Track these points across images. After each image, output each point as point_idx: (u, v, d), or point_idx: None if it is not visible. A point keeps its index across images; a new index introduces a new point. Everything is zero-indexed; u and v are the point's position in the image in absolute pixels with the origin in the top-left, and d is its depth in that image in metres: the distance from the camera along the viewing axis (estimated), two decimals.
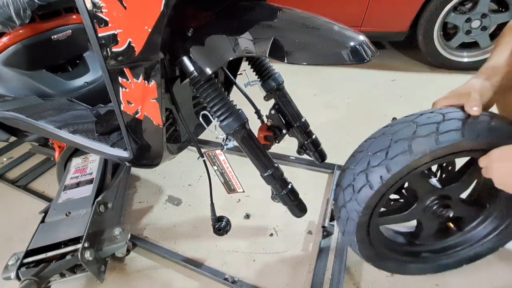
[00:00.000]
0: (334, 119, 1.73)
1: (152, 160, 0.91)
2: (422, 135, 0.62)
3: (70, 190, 1.08)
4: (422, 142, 0.61)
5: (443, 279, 0.90)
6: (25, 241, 0.90)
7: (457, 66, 2.16)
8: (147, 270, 1.01)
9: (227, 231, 0.90)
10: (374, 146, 0.67)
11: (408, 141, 0.63)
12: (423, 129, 0.63)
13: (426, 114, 0.66)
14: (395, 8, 2.10)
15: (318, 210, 1.17)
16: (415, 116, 0.67)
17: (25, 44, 1.19)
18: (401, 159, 0.62)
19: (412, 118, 0.67)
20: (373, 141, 0.69)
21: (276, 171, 0.78)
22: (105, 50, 0.69)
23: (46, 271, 0.84)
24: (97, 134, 1.03)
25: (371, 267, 0.88)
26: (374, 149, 0.67)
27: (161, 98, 0.72)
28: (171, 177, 1.40)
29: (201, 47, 0.67)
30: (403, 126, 0.66)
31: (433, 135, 0.61)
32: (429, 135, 0.61)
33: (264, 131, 0.95)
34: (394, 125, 0.68)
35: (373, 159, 0.66)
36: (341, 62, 0.57)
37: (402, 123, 0.67)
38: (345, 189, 0.71)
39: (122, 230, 0.95)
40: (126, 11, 0.62)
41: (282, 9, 0.65)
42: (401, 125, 0.66)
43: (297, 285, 0.93)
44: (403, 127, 0.66)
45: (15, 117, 1.11)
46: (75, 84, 1.36)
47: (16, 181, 1.45)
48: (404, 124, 0.66)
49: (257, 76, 0.92)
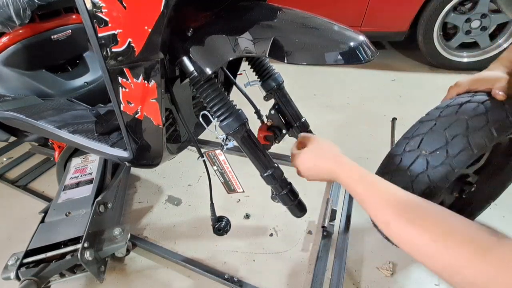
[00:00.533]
0: (334, 119, 1.73)
1: (152, 160, 0.91)
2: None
3: (70, 190, 1.07)
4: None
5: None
6: (25, 241, 0.90)
7: (457, 66, 2.16)
8: (147, 270, 1.01)
9: (227, 231, 0.90)
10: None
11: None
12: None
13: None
14: (395, 8, 2.11)
15: (318, 210, 1.17)
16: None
17: (24, 44, 1.19)
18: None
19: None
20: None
21: (276, 171, 0.78)
22: (105, 50, 0.69)
23: (45, 271, 0.84)
24: (97, 134, 1.03)
25: (371, 267, 0.88)
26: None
27: (161, 98, 0.72)
28: (171, 177, 1.40)
29: (201, 47, 0.67)
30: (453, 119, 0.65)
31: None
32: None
33: (264, 131, 0.95)
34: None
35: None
36: (341, 62, 0.57)
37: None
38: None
39: (122, 230, 0.95)
40: (126, 11, 0.62)
41: (282, 9, 0.65)
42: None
43: (297, 285, 0.93)
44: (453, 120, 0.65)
45: (15, 117, 1.11)
46: (75, 84, 1.35)
47: (16, 181, 1.45)
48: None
49: (257, 76, 0.92)
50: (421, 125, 0.68)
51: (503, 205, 0.92)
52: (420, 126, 0.68)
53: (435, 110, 0.70)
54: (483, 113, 0.62)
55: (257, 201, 1.22)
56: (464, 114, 0.64)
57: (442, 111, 0.68)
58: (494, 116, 0.62)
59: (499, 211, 0.94)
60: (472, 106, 0.65)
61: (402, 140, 0.70)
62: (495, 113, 0.62)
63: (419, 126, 0.69)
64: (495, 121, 0.61)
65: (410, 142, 0.68)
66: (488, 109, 0.63)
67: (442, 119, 0.66)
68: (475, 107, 0.64)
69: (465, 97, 0.68)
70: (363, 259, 0.98)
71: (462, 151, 0.61)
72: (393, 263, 0.95)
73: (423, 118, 0.71)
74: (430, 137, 0.65)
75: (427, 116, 0.70)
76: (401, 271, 0.93)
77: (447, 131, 0.63)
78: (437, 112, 0.69)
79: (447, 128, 0.64)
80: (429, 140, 0.65)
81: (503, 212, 1.04)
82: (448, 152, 0.62)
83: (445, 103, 0.70)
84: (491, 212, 0.93)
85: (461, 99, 0.68)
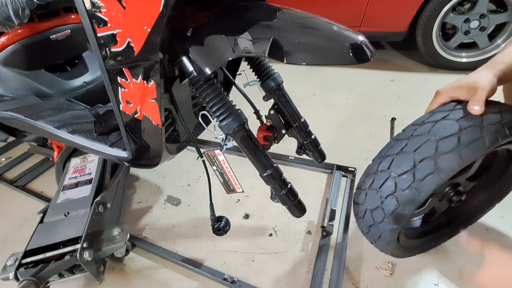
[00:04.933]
0: (333, 119, 1.73)
1: (151, 160, 0.91)
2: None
3: (69, 190, 1.07)
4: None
5: (442, 279, 0.91)
6: (24, 241, 0.89)
7: (456, 66, 2.17)
8: (146, 270, 1.01)
9: (226, 231, 0.90)
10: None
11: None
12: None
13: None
14: (394, 8, 2.11)
15: (318, 210, 1.17)
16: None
17: (23, 43, 1.19)
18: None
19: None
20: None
21: (275, 171, 0.78)
22: (104, 50, 0.69)
23: (44, 272, 0.84)
24: (96, 134, 1.02)
25: (370, 267, 0.88)
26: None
27: (160, 98, 0.72)
28: (170, 177, 1.40)
29: (200, 47, 0.67)
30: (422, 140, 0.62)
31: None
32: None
33: (263, 131, 0.95)
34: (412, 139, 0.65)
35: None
36: (341, 63, 0.57)
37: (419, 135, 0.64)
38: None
39: (121, 230, 0.95)
40: (125, 11, 0.62)
41: (281, 9, 0.65)
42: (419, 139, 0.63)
43: (296, 285, 0.93)
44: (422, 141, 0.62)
45: (13, 117, 1.11)
46: (74, 84, 1.35)
47: (15, 181, 1.44)
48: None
49: (256, 76, 0.92)
50: (395, 143, 0.67)
51: (502, 205, 0.92)
52: (394, 145, 0.66)
53: (411, 127, 0.67)
54: (455, 133, 0.59)
55: (256, 201, 1.22)
56: (435, 134, 0.61)
57: (416, 130, 0.65)
58: (466, 137, 0.58)
59: (498, 211, 0.94)
60: (445, 125, 0.61)
61: (377, 159, 0.69)
62: (468, 134, 0.58)
63: (393, 144, 0.67)
64: (467, 143, 0.57)
65: (383, 161, 0.67)
66: (461, 128, 0.59)
67: (414, 138, 0.64)
68: (448, 126, 0.61)
69: (443, 112, 0.64)
70: (363, 259, 0.98)
71: (429, 175, 0.59)
72: (392, 263, 0.95)
73: (398, 135, 0.68)
74: (399, 159, 0.64)
75: (402, 134, 0.67)
76: (400, 271, 0.94)
77: (416, 153, 0.61)
78: (411, 130, 0.66)
79: (416, 150, 0.62)
80: (398, 162, 0.63)
81: (502, 212, 1.05)
82: (415, 176, 0.60)
83: (421, 119, 0.66)
84: (490, 212, 0.93)
85: (438, 114, 0.64)
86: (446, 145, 0.58)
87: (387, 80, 2.15)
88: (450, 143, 0.58)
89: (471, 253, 0.61)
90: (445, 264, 0.94)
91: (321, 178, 1.31)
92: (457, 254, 0.96)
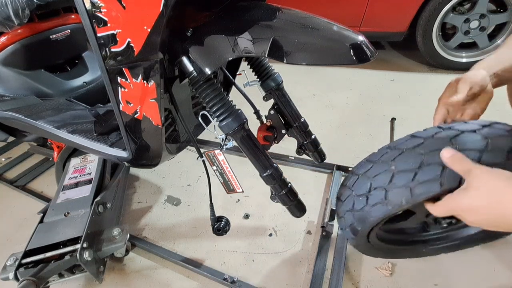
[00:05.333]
0: (333, 119, 1.73)
1: (151, 160, 0.91)
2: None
3: (68, 190, 1.07)
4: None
5: (442, 279, 0.90)
6: (24, 241, 0.89)
7: (455, 66, 2.17)
8: (146, 270, 1.01)
9: (226, 231, 0.90)
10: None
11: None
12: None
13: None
14: (394, 8, 2.11)
15: (317, 210, 1.17)
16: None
17: (23, 43, 1.19)
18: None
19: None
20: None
21: (275, 171, 0.78)
22: (104, 50, 0.69)
23: (44, 272, 0.84)
24: (96, 134, 1.02)
25: (370, 267, 0.88)
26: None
27: (160, 98, 0.72)
28: (170, 177, 1.40)
29: (200, 47, 0.67)
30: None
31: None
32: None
33: (263, 131, 0.96)
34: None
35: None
36: (340, 63, 0.57)
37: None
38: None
39: (121, 230, 0.95)
40: (125, 11, 0.62)
41: (281, 9, 0.65)
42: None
43: (296, 285, 0.93)
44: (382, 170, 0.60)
45: (13, 117, 1.11)
46: (73, 84, 1.35)
47: (15, 181, 1.44)
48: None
49: (256, 76, 0.92)
50: (365, 163, 0.66)
51: None
52: (364, 164, 0.66)
53: (384, 149, 0.64)
54: (413, 168, 0.54)
55: (256, 201, 1.22)
56: (396, 165, 0.58)
57: (384, 154, 0.62)
58: (422, 176, 0.53)
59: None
60: (409, 157, 0.57)
61: (350, 174, 0.69)
62: (426, 172, 0.53)
63: (363, 163, 0.66)
64: (421, 182, 0.53)
65: (351, 179, 0.67)
66: (422, 164, 0.54)
67: (378, 164, 0.62)
68: (412, 158, 0.56)
69: (418, 139, 0.59)
70: (362, 259, 0.98)
71: (378, 204, 0.59)
72: (392, 263, 0.95)
73: (371, 155, 0.66)
74: (361, 180, 0.64)
75: (373, 155, 0.65)
76: (400, 271, 0.94)
77: (373, 179, 0.60)
78: (381, 153, 0.63)
79: (375, 177, 0.60)
80: (359, 183, 0.64)
81: None
82: (368, 201, 0.61)
83: (398, 142, 0.62)
84: None
85: (411, 141, 0.59)
86: (400, 180, 0.56)
87: (387, 80, 2.15)
88: (404, 178, 0.55)
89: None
90: (445, 264, 0.94)
91: (321, 178, 1.31)
92: (457, 254, 0.96)
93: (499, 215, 0.46)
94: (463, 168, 0.49)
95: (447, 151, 0.52)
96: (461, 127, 0.57)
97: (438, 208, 0.53)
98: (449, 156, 0.51)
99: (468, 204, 0.48)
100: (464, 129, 0.56)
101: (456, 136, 0.55)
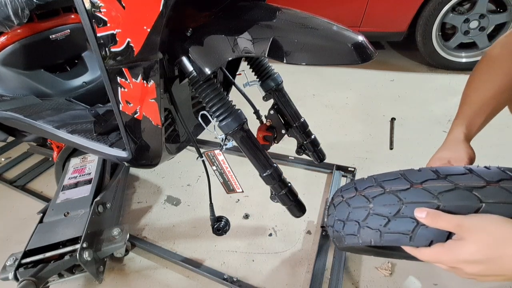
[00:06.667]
0: (333, 119, 1.73)
1: (151, 160, 0.91)
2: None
3: (68, 190, 1.07)
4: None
5: (442, 279, 0.91)
6: (23, 241, 0.89)
7: (455, 66, 2.17)
8: (146, 270, 1.01)
9: (226, 231, 0.90)
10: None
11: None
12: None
13: None
14: (394, 8, 2.11)
15: (317, 210, 1.17)
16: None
17: (23, 43, 1.18)
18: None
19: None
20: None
21: (275, 171, 0.78)
22: (103, 50, 0.69)
23: (44, 272, 0.84)
24: (95, 134, 1.02)
25: (370, 267, 0.88)
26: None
27: (160, 98, 0.72)
28: (170, 177, 1.40)
29: (200, 47, 0.67)
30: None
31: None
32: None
33: (263, 131, 0.95)
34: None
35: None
36: (340, 63, 0.57)
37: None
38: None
39: (121, 230, 0.95)
40: (125, 11, 0.62)
41: (281, 9, 0.65)
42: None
43: (296, 285, 0.93)
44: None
45: (13, 117, 1.11)
46: (73, 84, 1.35)
47: (14, 181, 1.44)
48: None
49: (256, 76, 0.92)
50: (351, 188, 0.64)
51: None
52: (350, 189, 0.64)
53: (369, 180, 0.61)
54: (388, 215, 0.52)
55: (256, 201, 1.22)
56: (374, 204, 0.55)
57: (368, 187, 0.60)
58: (394, 225, 0.51)
59: None
60: (388, 201, 0.53)
61: (338, 191, 0.68)
62: (398, 224, 0.50)
63: (350, 188, 0.64)
64: (391, 231, 0.51)
65: (337, 197, 0.66)
66: (397, 213, 0.51)
67: (359, 195, 0.60)
68: (390, 203, 0.52)
69: (404, 182, 0.54)
70: (362, 259, 0.98)
71: (351, 234, 0.58)
72: (392, 263, 0.95)
73: (358, 181, 0.64)
74: (341, 205, 0.63)
75: (362, 182, 0.62)
76: (400, 271, 0.94)
77: (352, 210, 0.59)
78: (367, 183, 0.60)
79: (354, 208, 0.59)
80: (340, 207, 0.63)
81: None
82: (344, 227, 0.61)
83: (387, 176, 0.58)
84: None
85: (397, 182, 0.54)
86: (373, 221, 0.54)
87: (387, 80, 2.15)
88: (378, 221, 0.53)
89: None
90: None
91: (321, 178, 1.31)
92: None
93: (499, 268, 0.43)
94: (451, 225, 0.45)
95: (419, 211, 0.47)
96: (457, 181, 0.49)
97: (424, 256, 0.49)
98: (425, 216, 0.46)
99: (466, 258, 0.44)
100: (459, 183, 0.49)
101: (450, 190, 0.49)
